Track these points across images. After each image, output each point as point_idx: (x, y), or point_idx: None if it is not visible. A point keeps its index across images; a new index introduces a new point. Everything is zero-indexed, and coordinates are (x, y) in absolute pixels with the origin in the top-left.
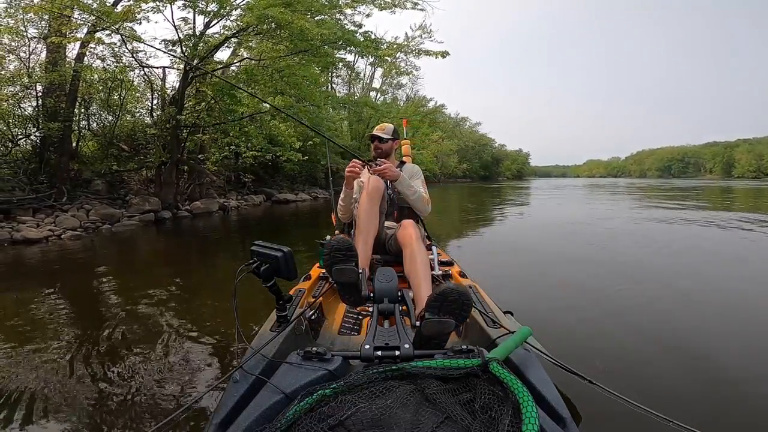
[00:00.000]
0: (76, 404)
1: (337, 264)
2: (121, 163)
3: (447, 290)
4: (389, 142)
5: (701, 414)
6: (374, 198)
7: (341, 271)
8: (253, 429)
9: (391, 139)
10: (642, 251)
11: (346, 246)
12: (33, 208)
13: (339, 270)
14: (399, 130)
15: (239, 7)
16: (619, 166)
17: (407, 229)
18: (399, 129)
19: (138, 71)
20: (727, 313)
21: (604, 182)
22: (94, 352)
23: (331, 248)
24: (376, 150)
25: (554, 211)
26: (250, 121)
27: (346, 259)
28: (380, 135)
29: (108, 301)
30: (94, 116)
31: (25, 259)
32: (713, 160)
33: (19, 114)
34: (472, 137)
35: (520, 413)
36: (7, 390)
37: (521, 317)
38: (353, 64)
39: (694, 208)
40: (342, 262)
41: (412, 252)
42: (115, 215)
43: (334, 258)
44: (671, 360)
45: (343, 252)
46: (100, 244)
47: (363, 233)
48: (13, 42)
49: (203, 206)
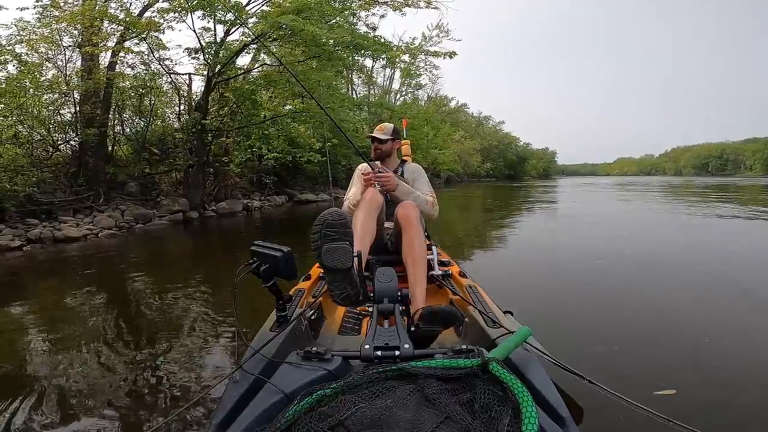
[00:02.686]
0: (76, 398)
1: (329, 242)
2: (153, 166)
3: (437, 311)
4: (389, 142)
5: (707, 416)
6: (371, 210)
7: (332, 251)
8: (252, 429)
9: (390, 139)
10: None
11: (340, 220)
12: (73, 208)
13: (330, 250)
14: (399, 130)
15: (254, 16)
16: (652, 164)
17: (406, 209)
18: (399, 128)
19: (166, 78)
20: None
21: (633, 180)
22: (99, 346)
23: (322, 223)
24: (376, 151)
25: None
26: (270, 124)
27: (339, 237)
28: (379, 136)
29: (128, 295)
30: (127, 121)
31: (67, 255)
32: (753, 157)
33: (58, 120)
34: (495, 136)
35: (519, 413)
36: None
37: (522, 317)
38: (372, 67)
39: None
40: (334, 240)
41: (411, 239)
42: (147, 215)
43: (325, 235)
44: (677, 360)
45: (336, 228)
46: (133, 242)
47: (359, 237)
48: (50, 51)
49: (228, 207)
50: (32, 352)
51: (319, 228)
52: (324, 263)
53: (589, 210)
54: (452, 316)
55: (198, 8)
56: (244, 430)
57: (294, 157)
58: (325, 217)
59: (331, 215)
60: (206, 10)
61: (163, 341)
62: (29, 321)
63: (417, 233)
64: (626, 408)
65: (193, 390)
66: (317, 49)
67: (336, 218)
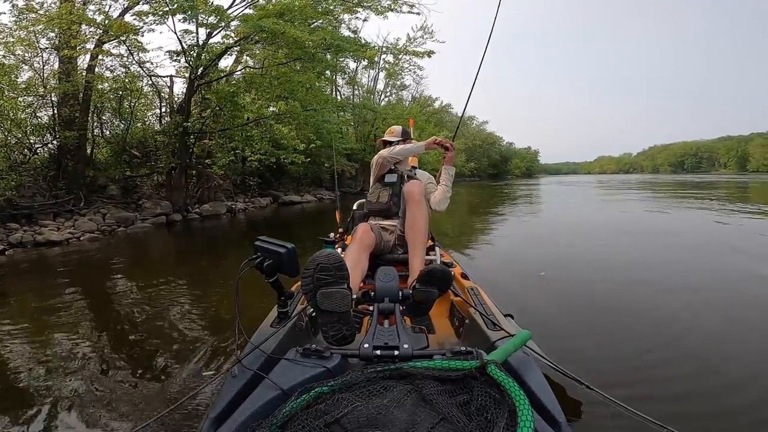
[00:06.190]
0: (75, 394)
1: (324, 287)
2: (134, 169)
3: (433, 269)
4: (400, 143)
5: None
6: (363, 247)
7: (329, 296)
8: (248, 424)
9: (401, 140)
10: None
11: (336, 264)
12: (53, 212)
13: (326, 294)
14: (407, 131)
15: (236, 19)
16: (630, 162)
17: (413, 186)
18: (407, 130)
19: (146, 80)
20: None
21: (610, 178)
22: (96, 344)
23: (315, 267)
24: None
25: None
26: (254, 126)
27: (334, 280)
28: (390, 139)
29: (116, 296)
30: (106, 124)
31: (49, 259)
32: (727, 155)
33: (36, 123)
34: (479, 136)
35: (515, 416)
36: (12, 373)
37: (521, 318)
38: (355, 68)
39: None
40: (330, 284)
41: (414, 214)
42: (129, 218)
43: (318, 279)
44: (675, 368)
45: (330, 272)
46: (115, 245)
47: (350, 273)
48: (27, 53)
49: (212, 209)
50: (32, 353)
51: (311, 272)
52: (320, 307)
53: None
54: (446, 275)
55: (179, 12)
56: (241, 425)
57: (278, 159)
58: (318, 260)
59: (324, 258)
60: (188, 14)
61: (159, 339)
62: (27, 324)
63: (420, 209)
64: (622, 413)
65: (191, 384)
66: (300, 51)
67: (330, 261)
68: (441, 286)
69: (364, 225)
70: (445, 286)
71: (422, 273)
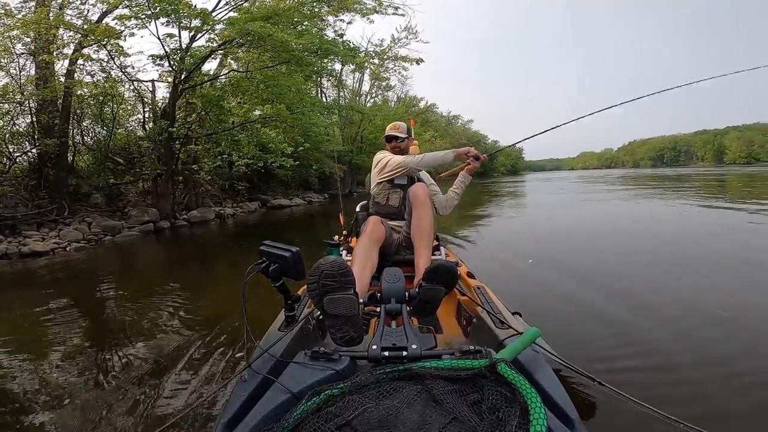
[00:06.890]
0: (87, 403)
1: (330, 293)
2: (118, 176)
3: (439, 265)
4: (405, 140)
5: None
6: (374, 241)
7: (335, 301)
8: (260, 428)
9: (406, 137)
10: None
11: (340, 270)
12: (36, 222)
13: (333, 300)
14: (410, 128)
15: (221, 22)
16: (612, 158)
17: (418, 189)
18: (409, 127)
19: (128, 85)
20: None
21: (591, 174)
22: (103, 354)
23: (319, 274)
24: (394, 149)
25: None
26: (240, 130)
27: (340, 286)
28: (397, 134)
29: (115, 305)
30: (87, 130)
31: (35, 270)
32: (704, 148)
33: (14, 131)
34: (464, 134)
35: (528, 415)
36: (13, 389)
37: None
38: (341, 70)
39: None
40: (336, 290)
41: (419, 215)
42: (115, 227)
43: (324, 286)
44: (687, 361)
45: (335, 278)
46: (104, 255)
47: (359, 266)
48: (2, 59)
49: (200, 215)
50: (33, 357)
51: (316, 279)
52: (327, 311)
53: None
54: (451, 271)
55: (162, 15)
56: (252, 428)
57: (266, 163)
58: (322, 268)
59: (329, 265)
60: (171, 17)
61: (160, 348)
62: (25, 331)
63: (425, 211)
64: (635, 409)
65: (202, 389)
66: (286, 55)
67: (334, 268)
68: (447, 283)
69: (374, 217)
70: (451, 283)
71: (428, 270)
